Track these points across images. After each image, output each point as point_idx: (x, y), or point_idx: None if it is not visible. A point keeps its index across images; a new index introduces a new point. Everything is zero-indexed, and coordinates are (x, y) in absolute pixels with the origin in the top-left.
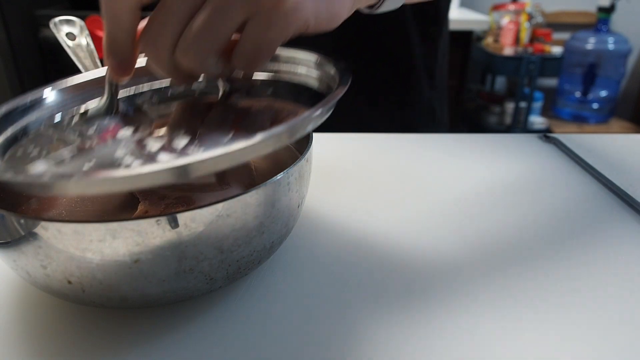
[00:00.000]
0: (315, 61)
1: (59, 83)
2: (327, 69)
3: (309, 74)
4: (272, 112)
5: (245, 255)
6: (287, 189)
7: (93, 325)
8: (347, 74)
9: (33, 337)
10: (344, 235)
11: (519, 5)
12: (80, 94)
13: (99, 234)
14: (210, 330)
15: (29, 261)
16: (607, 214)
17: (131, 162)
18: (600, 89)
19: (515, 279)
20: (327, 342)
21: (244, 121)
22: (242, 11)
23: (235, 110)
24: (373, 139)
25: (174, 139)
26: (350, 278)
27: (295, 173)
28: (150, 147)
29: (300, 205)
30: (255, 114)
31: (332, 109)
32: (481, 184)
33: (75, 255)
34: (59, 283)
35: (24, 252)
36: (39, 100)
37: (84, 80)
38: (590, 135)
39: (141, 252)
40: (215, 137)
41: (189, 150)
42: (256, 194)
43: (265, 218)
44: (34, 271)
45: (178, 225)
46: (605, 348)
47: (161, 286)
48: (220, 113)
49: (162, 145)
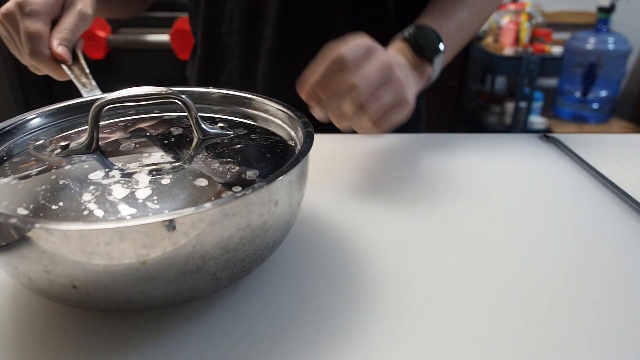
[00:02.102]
0: (285, 115)
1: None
2: (296, 125)
3: (280, 125)
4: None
5: (249, 254)
6: (289, 187)
7: (95, 330)
8: (310, 138)
9: (34, 344)
10: (340, 232)
11: (519, 5)
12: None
13: (106, 236)
14: (213, 330)
15: (32, 267)
16: (607, 214)
17: (93, 210)
18: (600, 89)
19: (515, 279)
20: (329, 338)
21: (208, 173)
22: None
23: (205, 160)
24: (373, 139)
25: (138, 186)
26: (348, 273)
27: (296, 171)
28: (116, 195)
29: (300, 203)
30: (222, 165)
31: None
32: (481, 184)
33: (82, 259)
34: (63, 288)
35: (27, 258)
36: (25, 124)
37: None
38: (590, 135)
39: (149, 254)
40: (179, 187)
41: (148, 204)
42: (260, 192)
43: (269, 216)
44: (37, 277)
45: (186, 225)
46: (606, 348)
47: (168, 287)
48: (189, 160)
49: (126, 194)
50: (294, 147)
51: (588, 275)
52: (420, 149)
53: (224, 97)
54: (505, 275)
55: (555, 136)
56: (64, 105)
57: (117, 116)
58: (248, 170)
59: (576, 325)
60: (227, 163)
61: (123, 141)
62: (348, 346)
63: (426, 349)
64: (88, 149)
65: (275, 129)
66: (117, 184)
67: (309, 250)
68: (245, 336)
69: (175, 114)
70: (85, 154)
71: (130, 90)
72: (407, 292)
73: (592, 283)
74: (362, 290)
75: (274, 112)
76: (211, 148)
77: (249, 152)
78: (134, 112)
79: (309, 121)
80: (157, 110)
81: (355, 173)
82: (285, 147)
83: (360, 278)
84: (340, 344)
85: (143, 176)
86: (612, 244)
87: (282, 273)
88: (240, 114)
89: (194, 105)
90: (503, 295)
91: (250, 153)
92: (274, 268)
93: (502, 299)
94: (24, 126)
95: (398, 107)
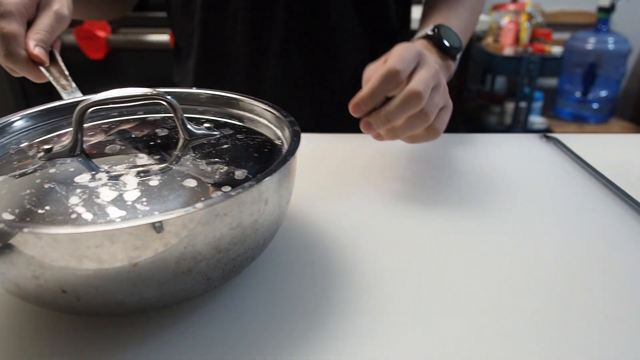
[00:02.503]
0: (272, 115)
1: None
2: (282, 125)
3: (267, 125)
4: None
5: (240, 254)
6: (279, 186)
7: (85, 334)
8: (296, 138)
9: (21, 352)
10: (328, 231)
11: (519, 5)
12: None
13: (97, 239)
14: (205, 331)
15: (20, 273)
16: (607, 214)
17: (81, 214)
18: (600, 89)
19: (515, 279)
20: (320, 336)
21: (197, 174)
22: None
23: (192, 161)
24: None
25: (126, 188)
26: (337, 270)
27: (285, 170)
28: (104, 197)
29: (289, 201)
30: (210, 165)
31: None
32: (481, 184)
33: (71, 263)
34: (52, 293)
35: (15, 264)
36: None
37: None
38: (590, 135)
39: (140, 256)
40: (167, 188)
41: (138, 206)
42: (251, 191)
43: (259, 215)
44: (25, 283)
45: (177, 226)
46: (606, 348)
47: (159, 289)
48: (176, 161)
49: (115, 197)
50: (281, 147)
51: (588, 275)
52: (420, 149)
53: (209, 98)
54: (505, 275)
55: (555, 136)
56: (47, 108)
57: (100, 118)
58: (236, 170)
59: (576, 325)
60: (215, 163)
61: (108, 143)
62: (340, 344)
63: (422, 346)
64: (72, 152)
65: (262, 129)
66: (104, 186)
67: (298, 247)
68: (236, 336)
69: (160, 115)
70: (69, 157)
71: (115, 92)
72: (400, 290)
73: (592, 283)
74: (351, 288)
75: (260, 112)
76: (198, 149)
77: (237, 152)
78: (117, 114)
79: (295, 120)
80: (142, 112)
81: (348, 172)
82: (272, 147)
83: (349, 275)
84: (332, 343)
85: (131, 178)
86: (612, 244)
87: (272, 272)
88: (226, 114)
89: (179, 106)
90: (502, 295)
91: (238, 153)
92: (263, 267)
93: (501, 299)
94: (6, 129)
95: (446, 109)
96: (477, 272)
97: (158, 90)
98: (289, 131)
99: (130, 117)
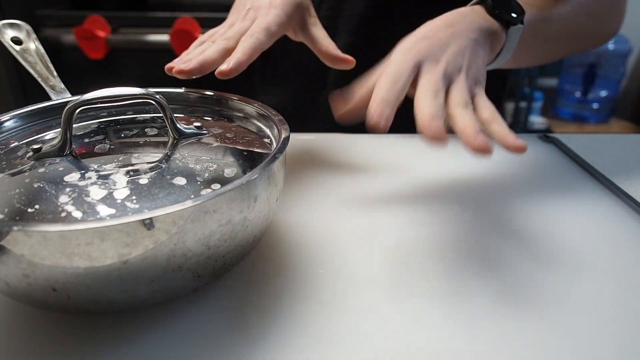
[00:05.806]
0: (261, 115)
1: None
2: (271, 124)
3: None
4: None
5: (230, 250)
6: (268, 183)
7: (75, 333)
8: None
9: (11, 352)
10: (319, 229)
11: None
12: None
13: (87, 237)
14: (194, 329)
15: (10, 271)
16: (607, 214)
17: (71, 212)
18: (600, 89)
19: (515, 280)
20: (311, 333)
21: (186, 172)
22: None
23: (182, 159)
24: (372, 138)
25: (116, 187)
26: (328, 268)
27: (274, 167)
28: (93, 196)
29: (278, 199)
30: (199, 163)
31: None
32: (481, 184)
33: (62, 261)
34: (42, 292)
35: (4, 262)
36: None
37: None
38: (590, 135)
39: (130, 253)
40: (156, 185)
41: (127, 204)
42: (240, 188)
43: (249, 212)
44: (15, 281)
45: (167, 223)
46: (605, 348)
47: (150, 286)
48: (165, 160)
49: (104, 195)
50: (270, 145)
51: (588, 275)
52: (419, 149)
53: (199, 98)
54: (504, 276)
55: (555, 136)
56: (36, 108)
57: (90, 118)
58: (226, 168)
59: (576, 325)
60: (204, 162)
61: (97, 143)
62: (332, 343)
63: (419, 345)
64: (62, 152)
65: (251, 128)
66: (94, 185)
67: (288, 247)
68: (227, 333)
69: (149, 115)
70: (59, 157)
71: (103, 92)
72: (394, 289)
73: (591, 283)
74: (342, 286)
75: (250, 111)
76: (187, 147)
77: (226, 150)
78: (106, 114)
79: (284, 119)
80: (131, 112)
81: (340, 171)
82: (261, 145)
83: (340, 273)
84: (323, 341)
85: (120, 177)
86: (612, 244)
87: (262, 270)
88: (216, 113)
89: (168, 105)
90: (501, 296)
91: (227, 151)
92: (253, 266)
93: (500, 299)
94: None
95: (469, 104)
96: (475, 272)
97: (147, 90)
98: (278, 130)
99: (120, 117)
